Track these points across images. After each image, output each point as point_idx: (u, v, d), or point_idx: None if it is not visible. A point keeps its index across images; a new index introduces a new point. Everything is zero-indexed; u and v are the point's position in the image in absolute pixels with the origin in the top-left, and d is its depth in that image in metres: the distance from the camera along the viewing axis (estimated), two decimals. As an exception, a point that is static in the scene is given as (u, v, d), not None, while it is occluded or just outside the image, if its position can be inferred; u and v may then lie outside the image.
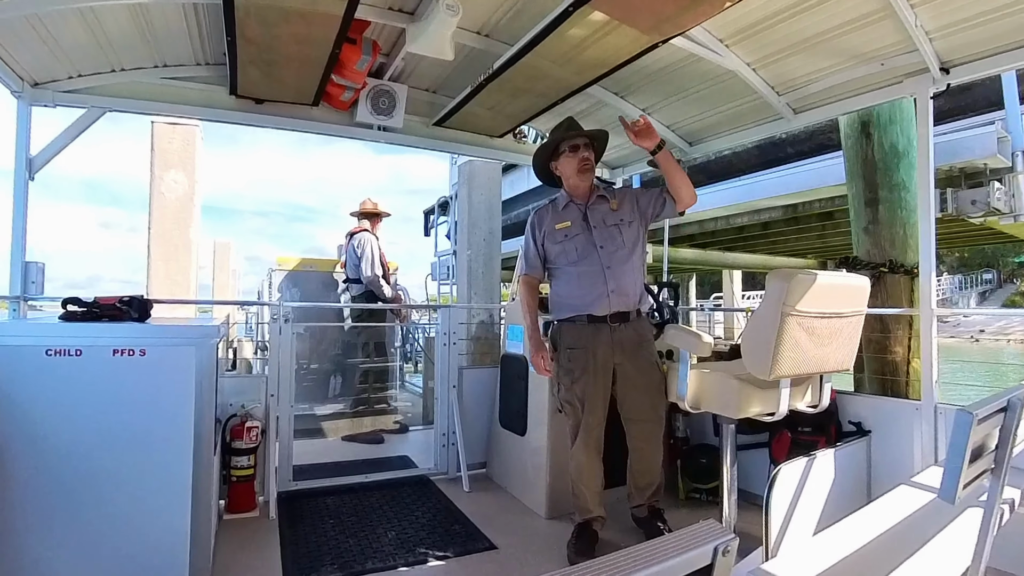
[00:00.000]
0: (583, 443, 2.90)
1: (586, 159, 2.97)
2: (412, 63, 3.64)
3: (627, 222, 2.92)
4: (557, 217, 3.02)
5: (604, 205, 2.96)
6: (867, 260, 4.95)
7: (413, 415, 6.44)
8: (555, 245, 2.99)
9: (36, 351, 2.14)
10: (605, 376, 2.87)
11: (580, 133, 3.00)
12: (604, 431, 2.93)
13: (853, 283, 2.44)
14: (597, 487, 2.95)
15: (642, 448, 2.92)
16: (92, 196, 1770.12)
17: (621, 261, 2.87)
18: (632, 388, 2.86)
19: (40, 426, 2.13)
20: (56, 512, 2.14)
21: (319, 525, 3.18)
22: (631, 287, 2.88)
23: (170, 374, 2.28)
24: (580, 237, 2.92)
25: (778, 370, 2.22)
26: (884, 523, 1.82)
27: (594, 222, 2.92)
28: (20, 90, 3.06)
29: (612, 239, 2.89)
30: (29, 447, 2.12)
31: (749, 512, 2.87)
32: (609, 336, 2.85)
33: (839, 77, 3.07)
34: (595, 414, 2.89)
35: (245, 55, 2.96)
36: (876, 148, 4.96)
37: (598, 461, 2.94)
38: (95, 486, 2.18)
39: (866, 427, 3.05)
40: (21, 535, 2.11)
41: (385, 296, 5.31)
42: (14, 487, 2.10)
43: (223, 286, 13.81)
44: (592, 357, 2.86)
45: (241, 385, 3.63)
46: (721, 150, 7.31)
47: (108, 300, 2.51)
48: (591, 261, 2.88)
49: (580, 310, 2.90)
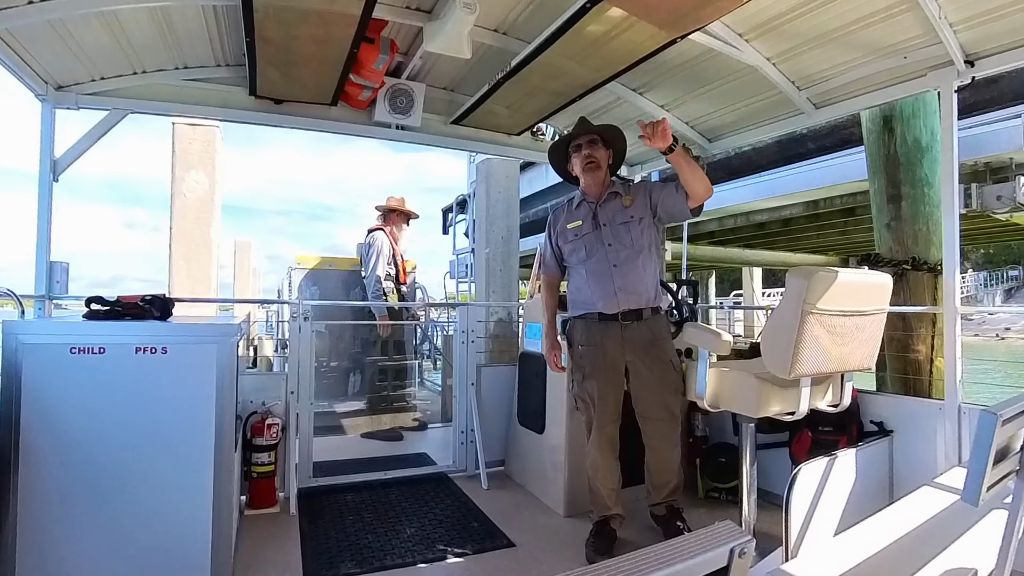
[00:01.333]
0: (596, 440, 2.92)
1: (589, 156, 2.94)
2: (429, 62, 3.65)
3: (638, 219, 2.88)
4: (570, 216, 3.03)
5: (616, 202, 2.94)
6: (889, 257, 4.88)
7: (432, 413, 6.46)
8: (567, 244, 3.02)
9: (61, 349, 2.18)
10: (615, 373, 2.87)
11: (584, 131, 2.98)
12: (620, 429, 2.93)
13: (875, 280, 2.40)
14: (613, 484, 2.94)
15: (656, 446, 2.91)
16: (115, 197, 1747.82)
17: (629, 259, 2.85)
18: (644, 386, 2.85)
19: (65, 422, 2.17)
20: (80, 506, 2.18)
21: (339, 521, 3.20)
22: (641, 285, 2.85)
23: (191, 371, 2.31)
24: (589, 236, 2.92)
25: (798, 369, 2.20)
26: (906, 525, 1.80)
27: (603, 220, 2.91)
28: (44, 93, 3.11)
29: (620, 237, 2.87)
30: (54, 442, 2.16)
31: (769, 512, 2.84)
32: (619, 334, 2.85)
33: (861, 71, 3.03)
34: (606, 411, 2.89)
35: (264, 56, 2.98)
36: (899, 143, 4.89)
37: (612, 459, 2.93)
38: (118, 481, 2.22)
39: (888, 427, 3.01)
40: (47, 528, 2.15)
41: (377, 302, 5.24)
42: (40, 481, 2.14)
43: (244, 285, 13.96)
44: (602, 354, 2.87)
45: (261, 383, 3.66)
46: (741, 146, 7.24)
47: (130, 299, 2.54)
48: (599, 259, 2.88)
49: (590, 308, 2.91)
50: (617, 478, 2.95)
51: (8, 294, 2.66)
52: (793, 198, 11.97)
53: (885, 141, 4.96)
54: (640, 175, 4.71)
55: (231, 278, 13.86)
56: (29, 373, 2.14)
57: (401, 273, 5.49)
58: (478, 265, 7.26)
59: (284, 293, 7.43)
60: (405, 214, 5.65)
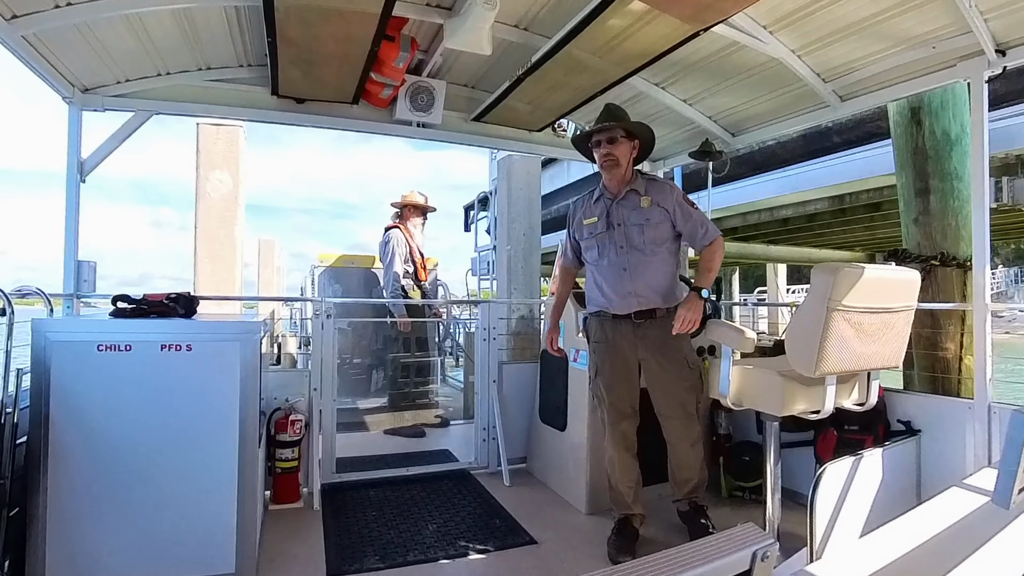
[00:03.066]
0: (610, 437, 2.93)
1: (608, 154, 2.85)
2: (450, 59, 3.65)
3: (654, 222, 2.82)
4: (587, 210, 3.00)
5: (634, 200, 2.86)
6: (917, 253, 4.80)
7: (454, 409, 6.48)
8: (582, 240, 3.01)
9: (88, 346, 2.22)
10: (628, 371, 2.87)
11: (606, 126, 2.87)
12: (640, 426, 2.92)
13: (902, 277, 2.37)
14: (630, 482, 2.93)
15: (676, 444, 2.90)
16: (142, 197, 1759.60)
17: (642, 262, 2.81)
18: (658, 384, 2.84)
19: (93, 418, 2.21)
20: (108, 501, 2.22)
21: (361, 516, 3.23)
22: (655, 286, 2.81)
23: (216, 368, 2.34)
24: (602, 236, 2.89)
25: (824, 367, 2.18)
26: (934, 527, 1.76)
27: (616, 220, 2.86)
28: (71, 96, 3.17)
29: (632, 239, 2.82)
30: (82, 438, 2.21)
31: (793, 512, 2.81)
32: (632, 332, 2.84)
33: (888, 62, 2.97)
34: (620, 408, 2.89)
35: (285, 56, 3.00)
36: (927, 135, 4.80)
37: (628, 456, 2.92)
38: (145, 476, 2.26)
39: (916, 426, 2.95)
40: (75, 522, 2.19)
41: (396, 300, 5.24)
42: (69, 476, 2.19)
43: (268, 283, 14.10)
44: (614, 351, 2.87)
45: (285, 379, 3.70)
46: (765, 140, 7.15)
47: (156, 297, 2.59)
48: (611, 262, 2.87)
49: (603, 307, 2.91)
50: (635, 475, 2.94)
51: (37, 292, 2.71)
52: (818, 193, 11.82)
53: (913, 134, 4.86)
54: (663, 171, 4.67)
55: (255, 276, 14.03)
56: (57, 370, 2.18)
57: (420, 270, 5.48)
58: (500, 262, 7.26)
59: (308, 291, 7.50)
60: (420, 209, 5.62)
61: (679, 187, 2.98)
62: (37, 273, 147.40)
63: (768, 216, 13.71)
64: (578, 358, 3.45)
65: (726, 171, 4.63)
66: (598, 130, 2.89)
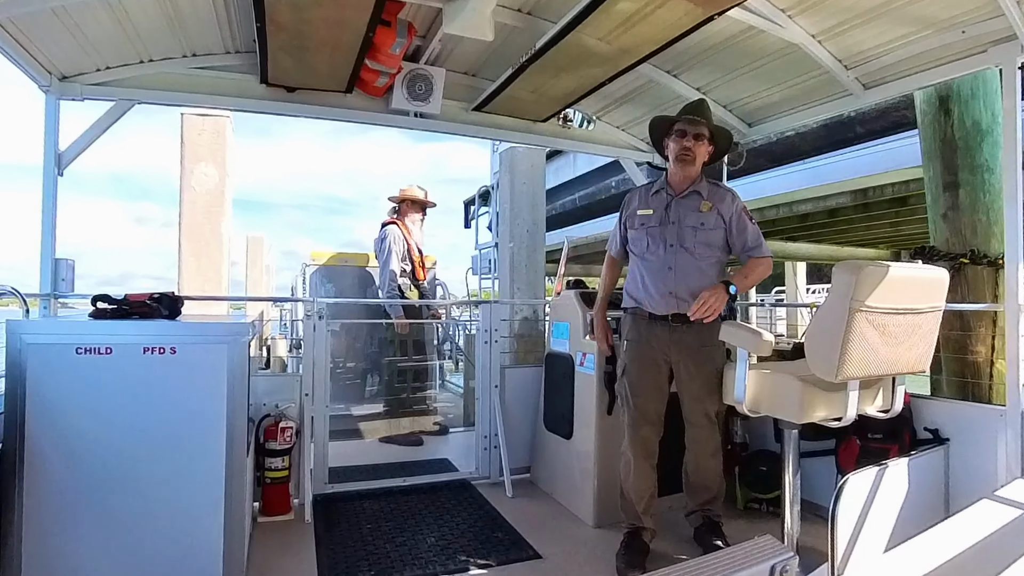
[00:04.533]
0: (630, 441, 2.94)
1: (688, 149, 2.90)
2: (449, 45, 3.64)
3: (708, 227, 2.88)
4: (644, 202, 3.04)
5: (694, 202, 2.92)
6: (945, 250, 4.78)
7: (453, 416, 6.49)
8: (632, 230, 3.03)
9: (66, 349, 2.22)
10: (658, 373, 2.89)
11: (696, 120, 2.92)
12: (661, 434, 2.93)
13: (929, 276, 2.37)
14: (644, 492, 2.93)
15: (696, 452, 2.94)
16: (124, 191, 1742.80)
17: (689, 264, 2.86)
18: (687, 390, 2.87)
19: (71, 425, 2.21)
20: (86, 512, 2.22)
21: (356, 529, 3.23)
22: (695, 292, 2.81)
23: (201, 373, 2.34)
24: (654, 229, 2.93)
25: (846, 371, 2.17)
26: (964, 540, 1.76)
27: (673, 217, 2.91)
28: (48, 84, 3.17)
29: (684, 240, 2.87)
30: (60, 446, 2.20)
31: (813, 525, 2.81)
32: (667, 334, 2.86)
33: (915, 48, 2.96)
34: (645, 412, 2.90)
35: (275, 42, 3.00)
36: (956, 126, 4.78)
37: (647, 465, 2.93)
38: (126, 486, 2.26)
39: (944, 434, 2.95)
40: (52, 534, 2.19)
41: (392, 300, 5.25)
42: (46, 486, 2.19)
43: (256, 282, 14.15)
44: (645, 351, 2.90)
45: (275, 384, 3.71)
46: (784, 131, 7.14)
47: (138, 297, 2.59)
48: (657, 257, 2.90)
49: (640, 304, 2.94)
50: (650, 486, 2.94)
51: (12, 292, 2.72)
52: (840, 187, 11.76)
53: (941, 124, 4.85)
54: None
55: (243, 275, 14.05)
56: (34, 374, 2.18)
57: (418, 269, 5.48)
58: (502, 261, 7.26)
59: (299, 291, 7.51)
60: (419, 204, 5.62)
61: (740, 198, 3.02)
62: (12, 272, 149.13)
63: (787, 211, 13.65)
64: (584, 362, 3.45)
65: (742, 164, 4.63)
66: (690, 120, 2.92)
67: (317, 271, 7.16)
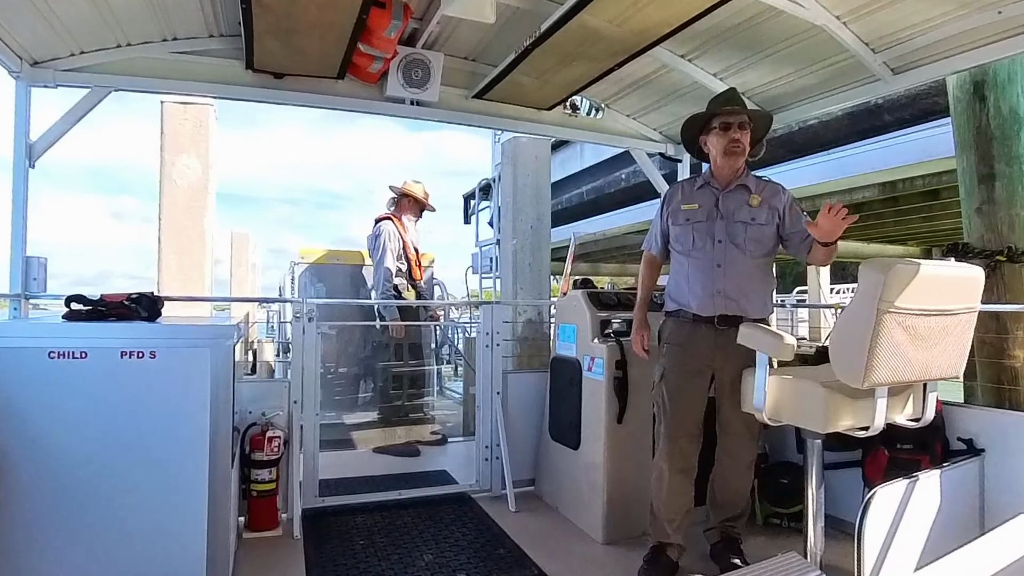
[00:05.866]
0: (665, 452, 2.92)
1: (737, 141, 2.90)
2: (448, 28, 3.64)
3: (760, 224, 2.89)
4: (688, 197, 3.03)
5: (743, 196, 2.94)
6: (980, 247, 4.77)
7: (452, 425, 6.49)
8: (676, 227, 3.03)
9: (38, 353, 2.22)
10: (700, 380, 2.90)
11: (737, 110, 2.93)
12: (699, 446, 2.94)
13: (963, 274, 2.36)
14: (677, 507, 2.93)
15: (728, 464, 2.97)
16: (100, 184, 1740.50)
17: (738, 262, 2.86)
18: (728, 398, 2.86)
19: (43, 434, 2.21)
20: (59, 528, 2.22)
21: (348, 546, 3.23)
22: (745, 291, 2.85)
23: (183, 378, 2.35)
24: (702, 225, 2.93)
25: (873, 377, 2.17)
26: (1001, 559, 1.76)
27: (724, 212, 2.91)
28: (18, 70, 3.17)
29: (735, 236, 2.88)
30: (31, 456, 2.21)
31: (839, 542, 2.81)
32: (712, 337, 2.86)
33: (947, 29, 2.95)
34: (682, 422, 2.90)
35: (262, 24, 3.00)
36: (992, 113, 4.76)
37: (681, 477, 2.93)
38: (102, 500, 2.26)
39: (979, 445, 2.94)
40: (21, 552, 2.19)
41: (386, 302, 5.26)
42: (14, 499, 2.19)
43: (242, 281, 14.14)
44: (686, 356, 2.90)
45: (261, 391, 3.71)
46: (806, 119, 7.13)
47: (115, 298, 2.59)
48: (704, 254, 2.90)
49: (685, 306, 2.94)
50: (686, 503, 2.95)
51: (-20, 293, 2.72)
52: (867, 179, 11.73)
53: (975, 111, 4.83)
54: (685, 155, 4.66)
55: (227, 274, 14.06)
56: (3, 379, 2.19)
57: (414, 268, 5.48)
58: (504, 259, 7.25)
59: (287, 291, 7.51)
60: (419, 205, 5.65)
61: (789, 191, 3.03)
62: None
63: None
64: (593, 367, 3.45)
65: (762, 154, 4.62)
66: (730, 111, 2.92)
67: (307, 270, 7.15)
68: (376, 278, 5.34)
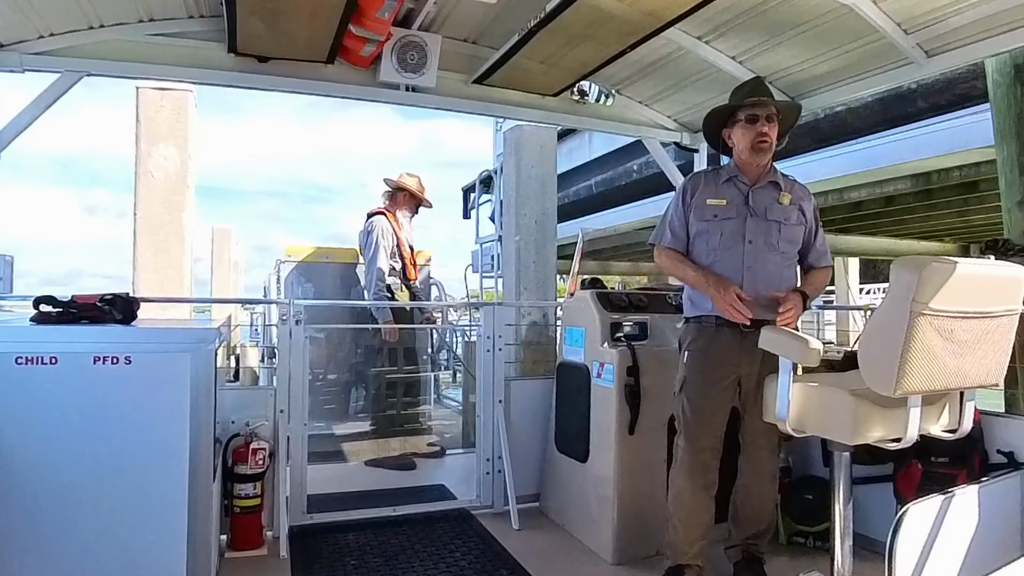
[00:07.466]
0: (685, 466, 2.92)
1: (765, 135, 2.89)
2: (447, 8, 3.64)
3: (792, 223, 2.92)
4: (713, 191, 3.01)
5: (773, 193, 2.95)
6: (1022, 243, 4.77)
7: (451, 436, 6.50)
8: (700, 222, 3.00)
9: (5, 359, 2.23)
10: (724, 388, 2.89)
11: (764, 101, 2.92)
12: (719, 459, 2.94)
13: (1004, 274, 2.35)
14: (698, 526, 2.93)
15: (752, 477, 2.98)
16: (70, 177, 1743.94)
17: (768, 263, 2.87)
18: (753, 407, 2.86)
19: (9, 446, 2.22)
20: (27, 545, 2.23)
21: (338, 566, 3.24)
22: (775, 297, 2.84)
23: (160, 386, 2.35)
24: (730, 223, 2.92)
25: (906, 384, 2.16)
26: (1045, 580, 1.76)
27: (755, 209, 2.91)
28: None
29: (768, 235, 2.89)
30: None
31: (868, 563, 2.81)
32: (738, 342, 2.85)
33: (986, 8, 2.95)
34: (701, 431, 2.90)
35: (246, 4, 3.01)
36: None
37: (703, 493, 2.93)
38: (73, 516, 2.26)
39: (1020, 458, 2.93)
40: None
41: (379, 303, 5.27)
42: (-21, 517, 2.20)
43: (224, 281, 14.17)
44: (712, 363, 2.89)
45: (245, 399, 3.71)
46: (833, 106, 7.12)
47: (87, 299, 2.59)
48: (732, 254, 2.89)
49: (708, 311, 2.91)
50: (707, 520, 2.95)
51: (-58, 294, 2.73)
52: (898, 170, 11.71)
53: (1017, 97, 4.84)
54: (703, 143, 4.66)
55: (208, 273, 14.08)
56: (-34, 387, 2.19)
57: (409, 267, 5.48)
58: (506, 256, 7.26)
59: (272, 291, 7.52)
60: (416, 200, 5.64)
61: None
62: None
63: (836, 199, 13.60)
64: (602, 373, 3.45)
65: (785, 143, 4.62)
66: (756, 102, 2.91)
67: (293, 269, 7.16)
68: (368, 277, 5.33)
